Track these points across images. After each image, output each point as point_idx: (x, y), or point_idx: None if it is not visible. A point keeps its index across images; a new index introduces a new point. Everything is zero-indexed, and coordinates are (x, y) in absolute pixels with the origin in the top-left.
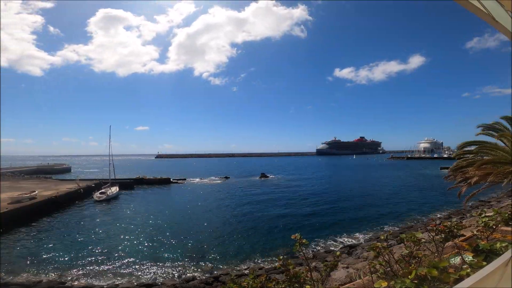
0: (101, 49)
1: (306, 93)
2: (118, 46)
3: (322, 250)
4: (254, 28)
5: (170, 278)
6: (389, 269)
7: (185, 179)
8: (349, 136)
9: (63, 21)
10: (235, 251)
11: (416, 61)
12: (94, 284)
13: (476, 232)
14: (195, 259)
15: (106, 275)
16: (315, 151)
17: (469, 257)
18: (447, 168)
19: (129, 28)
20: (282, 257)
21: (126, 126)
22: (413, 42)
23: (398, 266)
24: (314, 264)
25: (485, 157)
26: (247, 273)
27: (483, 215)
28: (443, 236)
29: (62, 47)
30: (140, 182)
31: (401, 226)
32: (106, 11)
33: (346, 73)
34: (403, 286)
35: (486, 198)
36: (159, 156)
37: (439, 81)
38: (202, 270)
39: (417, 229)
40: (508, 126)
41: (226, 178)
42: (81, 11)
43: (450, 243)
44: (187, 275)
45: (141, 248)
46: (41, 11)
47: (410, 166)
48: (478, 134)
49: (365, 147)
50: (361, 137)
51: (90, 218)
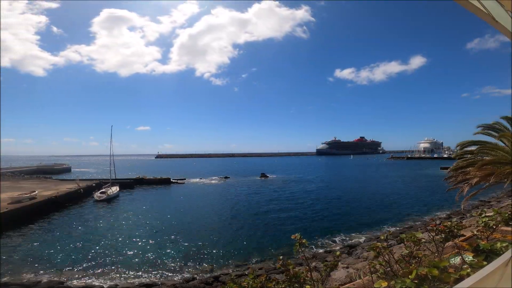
0: (104, 49)
1: (307, 93)
2: (121, 47)
3: (322, 250)
4: (256, 28)
5: (170, 278)
6: (389, 269)
7: (185, 179)
8: (349, 136)
9: (67, 21)
10: (235, 251)
11: (417, 61)
12: (94, 284)
13: (476, 232)
14: (195, 259)
15: (106, 275)
16: (315, 151)
17: (469, 257)
18: (447, 168)
19: (133, 28)
20: (282, 257)
21: (127, 126)
22: (414, 43)
23: (398, 266)
24: (314, 264)
25: (485, 157)
26: (247, 273)
27: (483, 215)
28: (443, 236)
29: (65, 48)
30: (140, 182)
31: (401, 226)
32: (110, 11)
33: (347, 73)
34: (403, 286)
35: (486, 198)
36: (159, 156)
37: (439, 81)
38: (202, 270)
39: (417, 229)
40: (508, 126)
41: (226, 178)
42: (85, 11)
43: (450, 243)
44: (187, 275)
45: (141, 248)
46: (46, 12)
47: (410, 166)
48: (477, 133)
49: (365, 147)
50: (361, 137)
51: (90, 218)
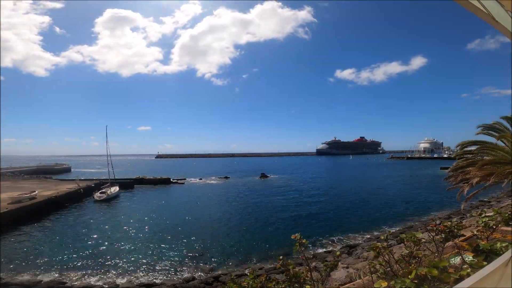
0: (105, 49)
1: (308, 93)
2: (123, 47)
3: (322, 250)
4: (258, 29)
5: (170, 278)
6: (389, 269)
7: (185, 179)
8: (349, 136)
9: (70, 21)
10: (235, 251)
11: (417, 62)
12: (94, 284)
13: (476, 232)
14: (195, 259)
15: (106, 275)
16: (315, 151)
17: (469, 257)
18: (447, 168)
19: (135, 29)
20: (282, 257)
21: (129, 126)
22: (415, 43)
23: (398, 266)
24: (314, 264)
25: (485, 157)
26: (247, 273)
27: (483, 215)
28: (443, 236)
29: (67, 48)
30: (140, 182)
31: (401, 226)
32: (114, 11)
33: (347, 74)
34: (403, 286)
35: (486, 198)
36: (159, 156)
37: (440, 81)
38: (202, 270)
39: (417, 229)
40: (508, 126)
41: (226, 178)
42: (89, 11)
43: (450, 243)
44: (187, 275)
45: (141, 248)
46: (50, 12)
47: (410, 166)
48: (478, 133)
49: (365, 147)
50: (361, 137)
51: (90, 218)
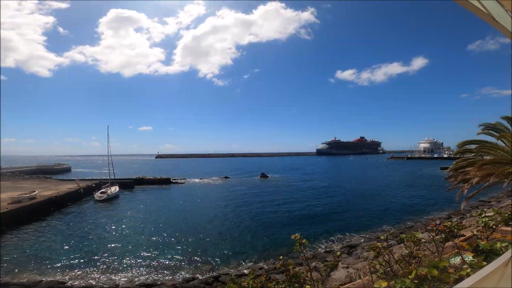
0: (108, 50)
1: (309, 94)
2: (126, 48)
3: (322, 250)
4: (261, 30)
5: (170, 278)
6: (389, 269)
7: (185, 179)
8: (349, 136)
9: (74, 21)
10: (235, 251)
11: (418, 62)
12: (94, 284)
13: (476, 232)
14: (195, 259)
15: (106, 275)
16: (315, 151)
17: (469, 257)
18: (447, 168)
19: (139, 29)
20: (282, 257)
21: (130, 126)
22: (416, 44)
23: (398, 266)
24: (314, 264)
25: (485, 156)
26: (247, 273)
27: (483, 215)
28: (443, 236)
29: (70, 48)
30: (140, 182)
31: (401, 226)
32: (118, 11)
33: (348, 74)
34: (403, 286)
35: (486, 198)
36: (159, 156)
37: (440, 82)
38: (202, 270)
39: (417, 229)
40: (508, 126)
41: (226, 178)
42: (93, 11)
43: (450, 243)
44: (187, 275)
45: (141, 248)
46: (54, 12)
47: (410, 166)
48: (478, 133)
49: (365, 147)
50: (361, 137)
51: (90, 218)
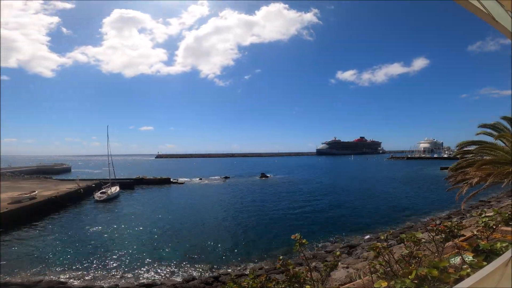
0: (111, 50)
1: (311, 94)
2: (128, 48)
3: (322, 250)
4: (263, 31)
5: (170, 278)
6: (389, 269)
7: (185, 179)
8: (349, 136)
9: (78, 21)
10: (235, 251)
11: (419, 63)
12: (94, 284)
13: (476, 232)
14: (195, 259)
15: (106, 275)
16: (315, 151)
17: (469, 257)
18: (447, 168)
19: (143, 30)
20: (282, 257)
21: (131, 126)
22: (417, 45)
23: (398, 266)
24: (314, 264)
25: (485, 157)
26: (247, 273)
27: (483, 215)
28: (443, 236)
29: (72, 49)
30: (140, 182)
31: (401, 226)
32: (121, 11)
33: (349, 75)
34: (403, 286)
35: (486, 198)
36: (159, 156)
37: (440, 82)
38: (202, 270)
39: (417, 229)
40: (508, 126)
41: (226, 178)
42: (97, 11)
43: (450, 243)
44: (187, 275)
45: (141, 248)
46: (59, 12)
47: (410, 166)
48: (478, 133)
49: (365, 147)
50: (361, 137)
51: (90, 218)
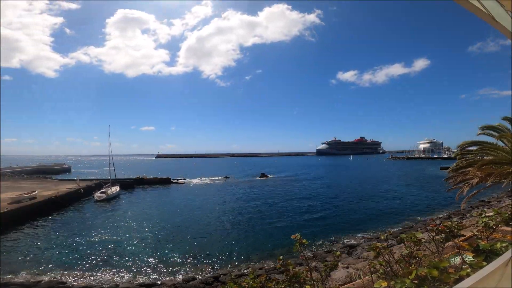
0: (114, 51)
1: (312, 95)
2: (131, 49)
3: (322, 250)
4: (265, 31)
5: (170, 278)
6: (389, 269)
7: (185, 179)
8: (349, 136)
9: (82, 22)
10: (235, 251)
11: (421, 64)
12: (94, 284)
13: (476, 232)
14: (195, 259)
15: (106, 275)
16: (315, 151)
17: (469, 257)
18: (447, 168)
19: (146, 31)
20: (282, 257)
21: (132, 126)
22: (418, 45)
23: (398, 266)
24: (314, 264)
25: (485, 157)
26: (247, 273)
27: (483, 215)
28: (443, 236)
29: (75, 49)
30: (140, 182)
31: (401, 226)
32: (125, 12)
33: (349, 76)
34: (403, 286)
35: (486, 198)
36: (159, 156)
37: (440, 83)
38: (202, 270)
39: (417, 229)
40: (508, 127)
41: (226, 178)
42: (101, 12)
43: (450, 243)
44: (187, 275)
45: (141, 248)
46: (64, 13)
47: (410, 166)
48: (478, 134)
49: (365, 147)
50: (361, 137)
51: (90, 218)
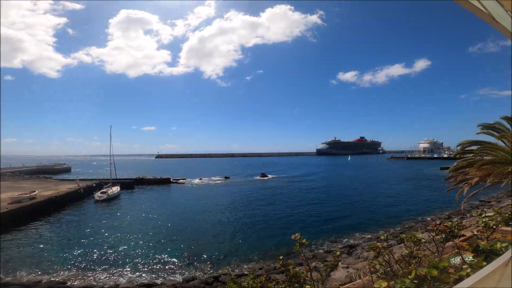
0: (116, 51)
1: (313, 95)
2: (133, 49)
3: (322, 250)
4: (267, 32)
5: (170, 278)
6: (389, 269)
7: (185, 179)
8: (349, 136)
9: (85, 22)
10: (235, 251)
11: (421, 64)
12: (94, 284)
13: (476, 232)
14: (195, 259)
15: (106, 275)
16: (315, 151)
17: (469, 257)
18: (447, 168)
19: (149, 32)
20: (282, 257)
21: (134, 126)
22: (419, 46)
23: (398, 266)
24: (314, 264)
25: (485, 157)
26: (247, 273)
27: (483, 215)
28: (443, 236)
29: (78, 50)
30: (140, 182)
31: (401, 226)
32: (128, 12)
33: (350, 76)
34: (403, 286)
35: (486, 198)
36: (159, 156)
37: (441, 83)
38: (202, 270)
39: (417, 229)
40: (508, 127)
41: (226, 178)
42: (105, 12)
43: (450, 243)
44: (187, 275)
45: (141, 248)
46: (68, 13)
47: (410, 166)
48: (478, 133)
49: (365, 147)
50: (361, 137)
51: (90, 218)
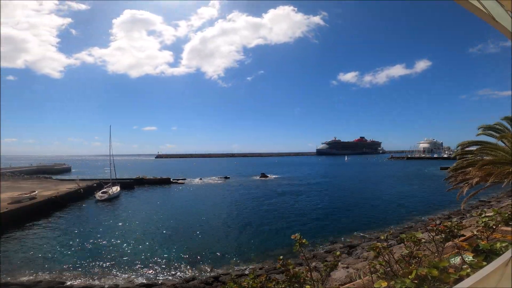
0: (118, 52)
1: (314, 95)
2: (136, 50)
3: (322, 250)
4: (270, 33)
5: (170, 278)
6: (389, 269)
7: (185, 179)
8: (349, 136)
9: (89, 22)
10: (235, 251)
11: (422, 65)
12: (94, 284)
13: (476, 232)
14: (195, 259)
15: (106, 275)
16: (315, 151)
17: (469, 257)
18: (447, 168)
19: (152, 32)
20: (282, 257)
21: (135, 126)
22: (419, 46)
23: (398, 266)
24: (314, 264)
25: (485, 157)
26: (247, 273)
27: (483, 215)
28: (443, 236)
29: (80, 50)
30: (140, 182)
31: (401, 226)
32: (132, 12)
33: (350, 77)
34: (403, 286)
35: (486, 198)
36: (159, 156)
37: (441, 83)
38: (202, 270)
39: (417, 229)
40: (508, 127)
41: (226, 178)
42: (109, 12)
43: (450, 243)
44: (187, 275)
45: (141, 248)
46: (73, 13)
47: (410, 166)
48: (478, 134)
49: (365, 147)
50: (361, 137)
51: (90, 218)
